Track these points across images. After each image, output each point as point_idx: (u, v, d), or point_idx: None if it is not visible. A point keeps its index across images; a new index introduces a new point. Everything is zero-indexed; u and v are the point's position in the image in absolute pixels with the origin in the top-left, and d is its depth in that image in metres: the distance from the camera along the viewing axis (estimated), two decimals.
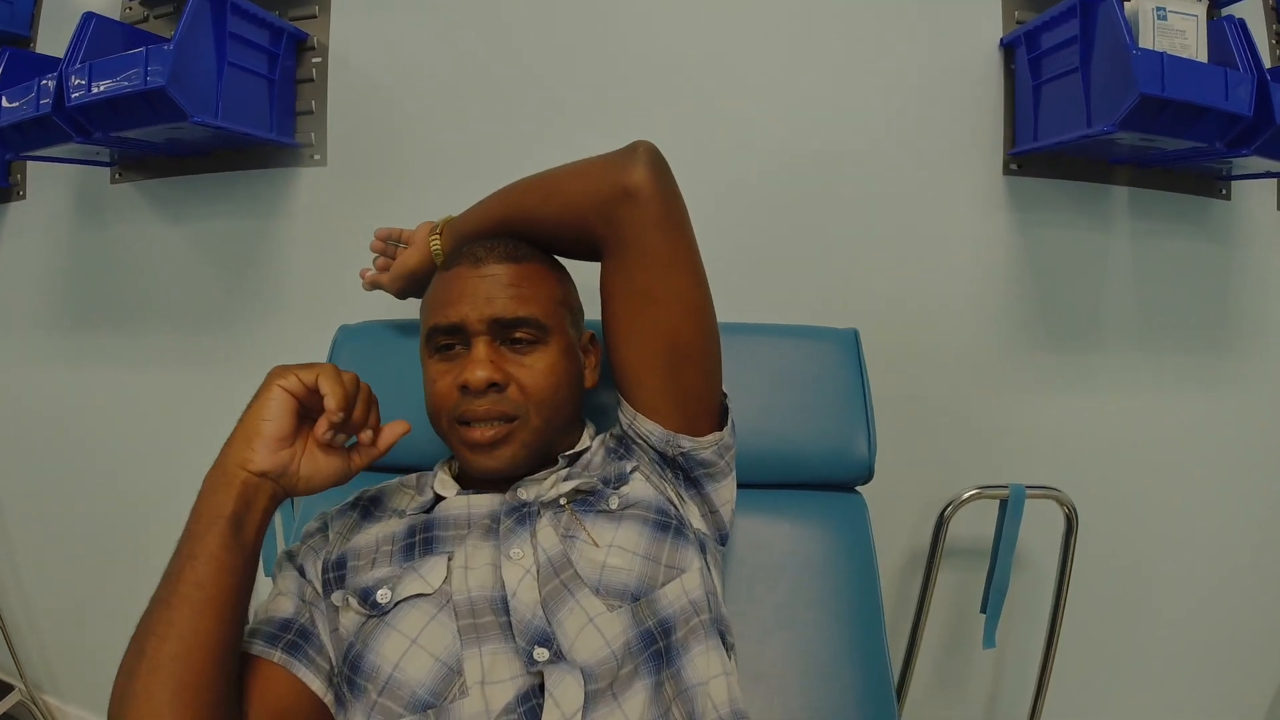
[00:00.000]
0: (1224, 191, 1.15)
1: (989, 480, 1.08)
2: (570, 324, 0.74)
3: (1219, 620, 1.20)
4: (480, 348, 0.67)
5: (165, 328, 1.31)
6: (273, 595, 0.65)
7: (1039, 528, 1.09)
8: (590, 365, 0.77)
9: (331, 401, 0.56)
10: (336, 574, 0.65)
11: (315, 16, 1.17)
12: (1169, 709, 1.21)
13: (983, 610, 1.08)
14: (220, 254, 1.27)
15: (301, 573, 0.66)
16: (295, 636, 0.60)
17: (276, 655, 0.59)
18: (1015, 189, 1.12)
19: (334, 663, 0.61)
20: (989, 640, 1.08)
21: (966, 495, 1.06)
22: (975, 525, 1.10)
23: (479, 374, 0.65)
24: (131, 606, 0.54)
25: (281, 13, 1.16)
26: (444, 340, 0.70)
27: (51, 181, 1.36)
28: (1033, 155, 1.09)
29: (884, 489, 1.10)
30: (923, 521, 1.12)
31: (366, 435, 0.62)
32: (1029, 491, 1.05)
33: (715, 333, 0.73)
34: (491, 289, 0.69)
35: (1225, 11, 1.08)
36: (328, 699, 0.60)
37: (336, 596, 0.63)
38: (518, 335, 0.69)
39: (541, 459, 0.70)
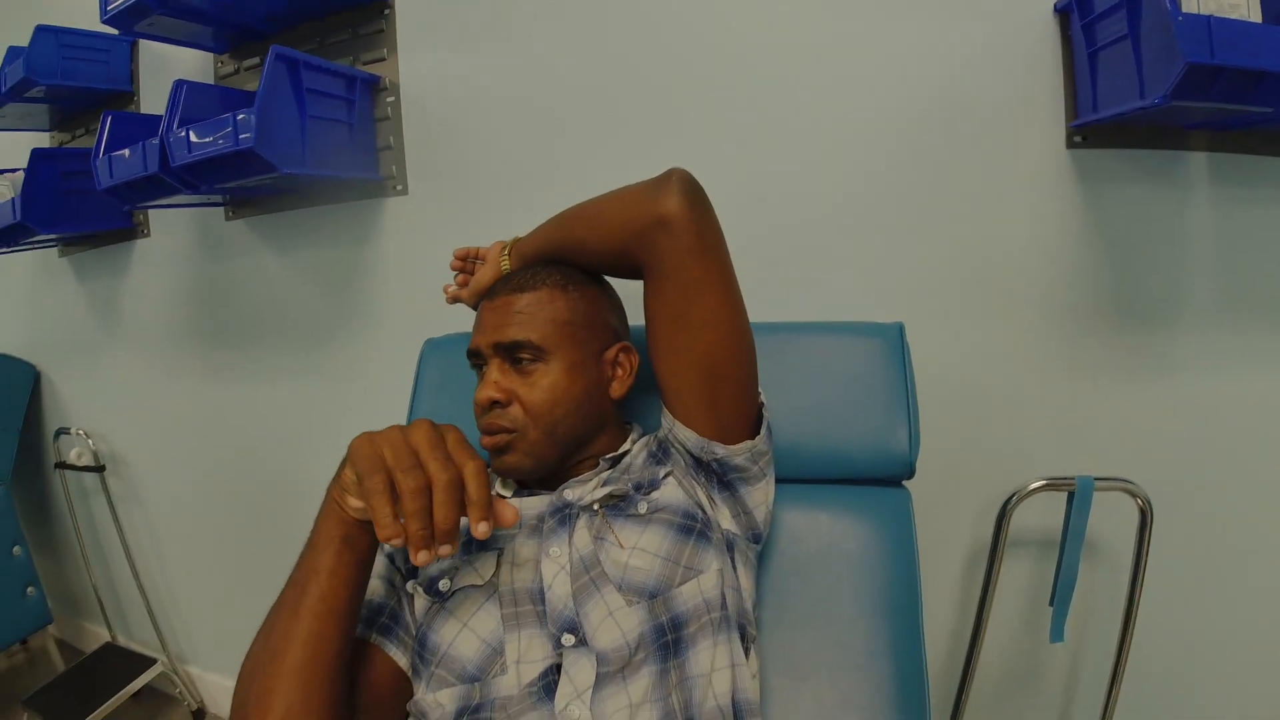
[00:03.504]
0: None
1: (1061, 470, 1.04)
2: (581, 342, 0.78)
3: None
4: (492, 370, 0.77)
5: (281, 344, 1.50)
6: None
7: (1115, 518, 1.05)
8: (619, 376, 0.82)
9: (380, 533, 0.53)
10: (410, 565, 0.75)
11: (385, 59, 1.28)
12: (1251, 711, 1.12)
13: (1051, 603, 1.05)
14: (321, 278, 1.43)
15: (391, 560, 0.76)
16: (388, 619, 0.70)
17: (373, 637, 0.69)
18: (1081, 162, 1.06)
19: (412, 639, 0.71)
20: (1056, 634, 1.05)
21: (1032, 487, 1.03)
22: (1048, 515, 1.06)
23: (482, 393, 0.76)
24: (262, 584, 0.64)
25: (354, 59, 1.29)
26: (474, 362, 0.80)
27: (172, 221, 1.57)
28: (1097, 126, 1.03)
29: (946, 480, 1.10)
30: (988, 512, 1.09)
31: (445, 551, 0.54)
32: (1099, 483, 1.01)
33: (749, 349, 0.76)
34: (498, 318, 0.77)
35: None
36: (409, 671, 0.69)
37: (410, 585, 0.73)
38: (520, 356, 0.76)
39: (558, 463, 0.78)
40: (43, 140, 1.72)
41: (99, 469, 1.74)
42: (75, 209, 1.47)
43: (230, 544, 1.65)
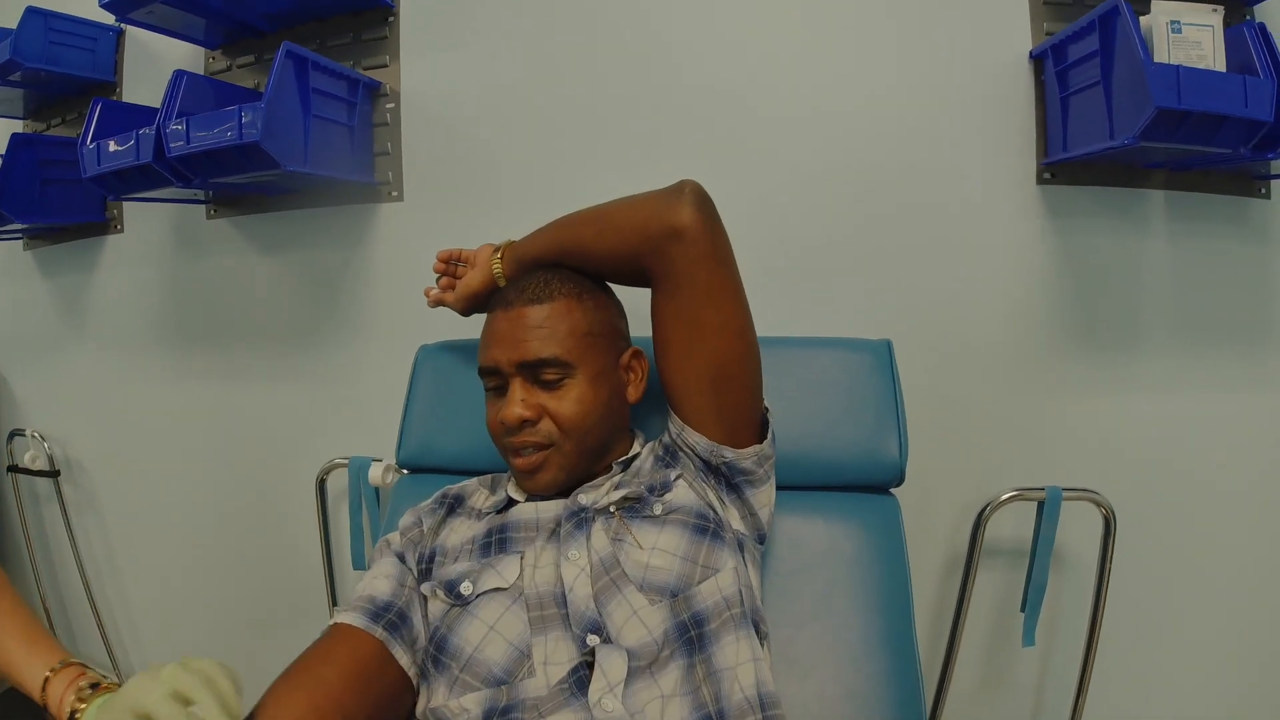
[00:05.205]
0: (1263, 190, 1.14)
1: (1031, 481, 1.10)
2: (601, 351, 0.79)
3: (1260, 622, 1.19)
4: (515, 388, 0.76)
5: (262, 348, 1.46)
6: (372, 575, 0.74)
7: (1081, 527, 1.12)
8: (633, 381, 0.83)
9: None
10: (426, 567, 0.75)
11: (386, 65, 1.29)
12: (1210, 709, 1.20)
13: (1023, 609, 1.11)
14: (310, 282, 1.40)
15: (401, 559, 0.76)
16: (394, 617, 0.70)
17: (378, 632, 0.68)
18: (1050, 197, 1.15)
19: (422, 642, 0.70)
20: (1028, 638, 1.10)
21: (1004, 497, 1.09)
22: (1020, 525, 1.13)
23: (512, 412, 0.74)
24: (224, 603, 0.61)
25: (356, 64, 1.29)
26: (489, 379, 0.79)
27: (147, 217, 1.52)
28: (1066, 164, 1.11)
29: (925, 490, 1.15)
30: (964, 521, 1.15)
31: None
32: (1067, 493, 1.08)
33: (756, 355, 0.79)
34: (519, 332, 0.76)
35: (1254, 10, 1.09)
36: (412, 672, 0.69)
37: (426, 588, 0.73)
38: (545, 374, 0.76)
39: (585, 472, 0.78)
40: (15, 128, 1.65)
41: (53, 474, 1.66)
42: (51, 199, 1.42)
43: (191, 558, 1.57)
